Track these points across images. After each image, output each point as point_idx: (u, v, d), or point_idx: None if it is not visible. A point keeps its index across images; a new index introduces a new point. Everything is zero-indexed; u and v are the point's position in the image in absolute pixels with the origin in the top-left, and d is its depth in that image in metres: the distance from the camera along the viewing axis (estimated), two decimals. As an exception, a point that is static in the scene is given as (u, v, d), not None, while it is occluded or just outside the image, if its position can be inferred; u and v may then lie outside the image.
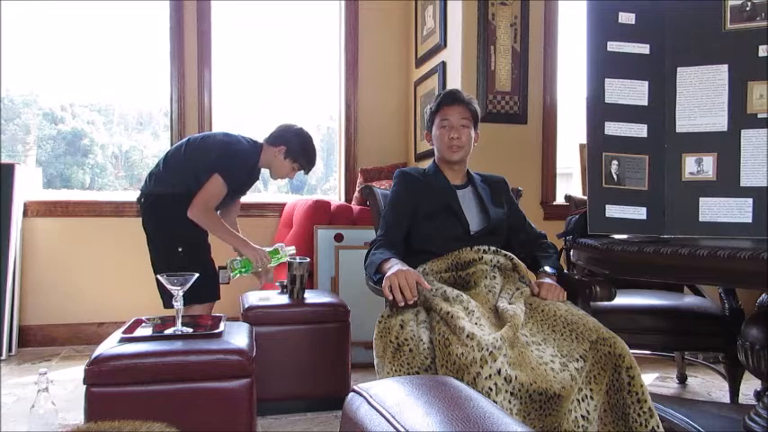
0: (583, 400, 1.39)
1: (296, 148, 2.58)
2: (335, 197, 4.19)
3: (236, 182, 2.52)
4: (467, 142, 1.97)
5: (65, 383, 2.77)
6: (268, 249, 2.55)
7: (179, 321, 1.86)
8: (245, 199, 2.64)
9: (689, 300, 2.46)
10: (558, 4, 3.42)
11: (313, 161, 2.64)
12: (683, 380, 2.90)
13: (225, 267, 2.51)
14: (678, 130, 1.58)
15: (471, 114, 1.97)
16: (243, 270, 2.50)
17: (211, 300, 2.53)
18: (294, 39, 4.27)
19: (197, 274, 1.87)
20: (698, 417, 1.86)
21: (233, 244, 2.53)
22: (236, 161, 2.50)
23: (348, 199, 4.01)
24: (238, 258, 2.51)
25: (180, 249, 2.45)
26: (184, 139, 2.62)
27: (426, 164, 2.12)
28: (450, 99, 1.98)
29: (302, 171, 2.66)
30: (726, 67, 1.54)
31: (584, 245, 1.64)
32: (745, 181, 1.50)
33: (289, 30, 4.25)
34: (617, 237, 1.66)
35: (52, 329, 3.54)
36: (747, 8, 1.52)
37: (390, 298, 1.55)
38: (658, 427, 1.40)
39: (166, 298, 2.20)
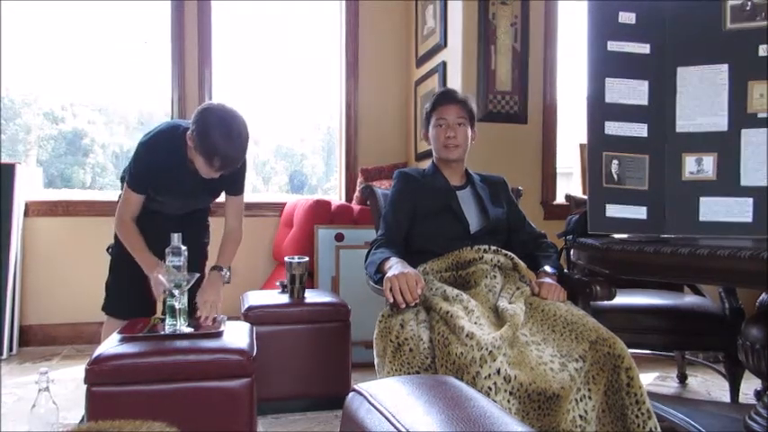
0: (581, 400, 1.39)
1: (196, 139, 1.85)
2: (336, 197, 4.19)
3: (143, 181, 2.04)
4: (463, 141, 1.97)
5: (66, 383, 2.77)
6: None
7: (179, 321, 1.86)
8: (245, 198, 2.41)
9: (689, 299, 2.46)
10: (558, 4, 3.42)
11: (212, 152, 1.82)
12: (683, 379, 2.90)
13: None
14: (678, 129, 1.58)
15: (467, 113, 1.98)
16: (172, 296, 1.83)
17: (110, 313, 2.31)
18: (294, 38, 4.26)
19: (198, 274, 1.87)
20: (698, 416, 1.86)
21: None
22: (137, 158, 2.04)
23: (348, 199, 4.00)
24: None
25: (108, 248, 2.33)
26: None
27: (426, 164, 2.12)
28: (446, 98, 1.98)
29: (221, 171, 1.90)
30: (726, 66, 1.54)
31: (585, 244, 1.64)
32: (745, 180, 1.50)
33: (289, 29, 4.25)
34: (617, 236, 1.67)
35: (53, 329, 3.53)
36: (747, 8, 1.52)
37: (391, 300, 1.56)
38: (656, 429, 1.40)
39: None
